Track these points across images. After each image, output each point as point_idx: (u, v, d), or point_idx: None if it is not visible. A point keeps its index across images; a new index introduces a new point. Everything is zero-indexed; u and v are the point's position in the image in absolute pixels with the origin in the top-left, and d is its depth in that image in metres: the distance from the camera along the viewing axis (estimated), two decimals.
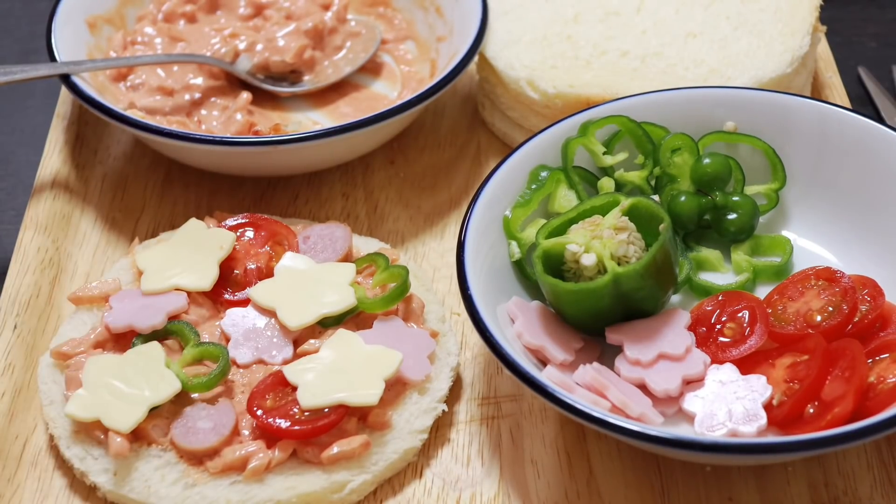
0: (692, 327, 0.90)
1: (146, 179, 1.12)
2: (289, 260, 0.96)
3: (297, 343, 0.91)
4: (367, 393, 0.86)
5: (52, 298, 1.01)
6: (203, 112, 1.11)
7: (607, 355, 0.90)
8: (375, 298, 0.92)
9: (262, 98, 1.15)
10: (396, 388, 0.89)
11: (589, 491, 0.87)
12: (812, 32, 1.11)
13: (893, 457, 0.88)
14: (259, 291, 0.93)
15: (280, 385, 0.87)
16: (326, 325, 0.92)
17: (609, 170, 0.99)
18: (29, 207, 1.07)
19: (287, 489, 0.84)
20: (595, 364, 0.87)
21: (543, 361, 0.88)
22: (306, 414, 0.85)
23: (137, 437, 0.86)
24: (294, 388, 0.86)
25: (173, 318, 0.92)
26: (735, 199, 0.98)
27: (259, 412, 0.85)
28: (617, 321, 0.89)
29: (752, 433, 0.83)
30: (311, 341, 0.91)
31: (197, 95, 1.13)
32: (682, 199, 0.97)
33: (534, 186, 0.96)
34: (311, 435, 0.85)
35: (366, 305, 0.92)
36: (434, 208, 1.10)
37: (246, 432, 0.86)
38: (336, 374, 0.87)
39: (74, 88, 1.06)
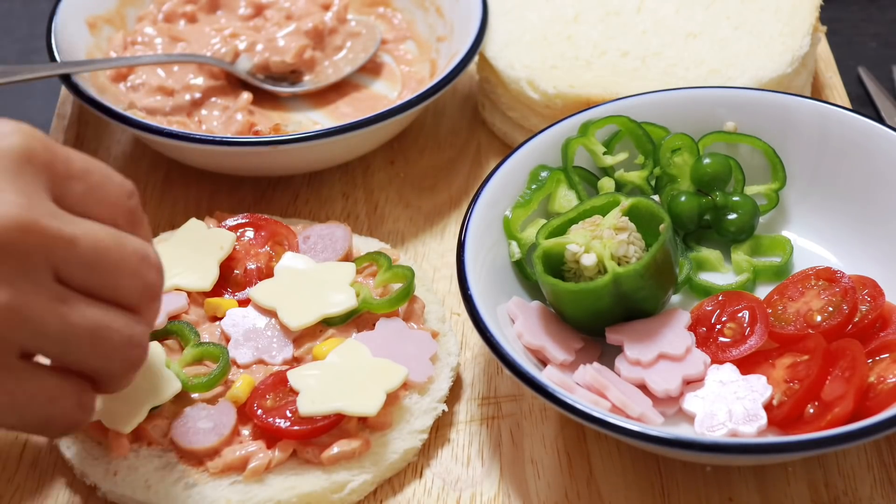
0: (692, 327, 0.90)
1: (146, 179, 1.12)
2: (289, 260, 0.95)
3: (297, 343, 0.91)
4: (366, 403, 0.85)
5: None
6: (203, 112, 1.11)
7: (607, 355, 0.90)
8: (382, 300, 0.92)
9: (263, 98, 1.14)
10: (397, 389, 0.88)
11: (589, 491, 0.86)
12: (812, 32, 1.11)
13: (893, 457, 0.88)
14: (259, 291, 0.93)
15: (280, 385, 0.87)
16: (332, 323, 0.91)
17: (609, 170, 0.99)
18: None
19: (287, 489, 0.84)
20: (595, 364, 0.87)
21: (543, 361, 0.88)
22: None
23: (137, 437, 0.86)
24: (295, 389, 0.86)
25: (173, 318, 0.92)
26: (735, 199, 0.98)
27: (259, 412, 0.85)
28: (617, 321, 0.89)
29: (752, 433, 0.83)
30: (313, 342, 0.91)
31: (197, 95, 1.13)
32: (682, 199, 0.97)
33: (534, 186, 0.96)
34: (311, 435, 0.85)
35: (371, 306, 0.92)
36: (434, 208, 1.10)
37: (246, 432, 0.86)
38: (338, 382, 0.86)
39: (75, 89, 1.05)
